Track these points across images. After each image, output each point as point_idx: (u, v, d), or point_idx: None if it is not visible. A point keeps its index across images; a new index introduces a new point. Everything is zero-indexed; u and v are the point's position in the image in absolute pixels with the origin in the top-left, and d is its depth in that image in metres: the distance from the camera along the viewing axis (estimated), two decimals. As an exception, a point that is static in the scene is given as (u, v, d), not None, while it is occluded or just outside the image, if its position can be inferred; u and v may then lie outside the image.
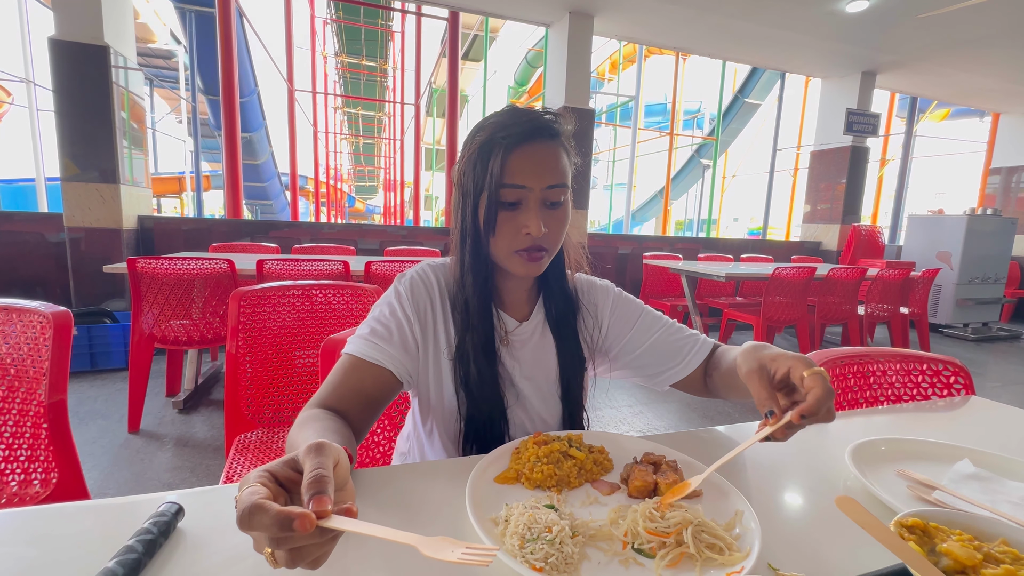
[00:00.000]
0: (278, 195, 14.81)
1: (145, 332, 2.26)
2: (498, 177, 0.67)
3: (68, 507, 0.50)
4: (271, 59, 8.35)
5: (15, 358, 0.96)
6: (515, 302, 0.81)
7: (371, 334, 0.71)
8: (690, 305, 3.81)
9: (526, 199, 0.69)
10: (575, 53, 4.27)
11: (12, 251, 3.43)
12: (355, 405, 0.65)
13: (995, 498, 0.59)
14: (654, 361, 0.82)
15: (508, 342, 0.78)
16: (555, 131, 0.71)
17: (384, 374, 0.69)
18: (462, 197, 0.72)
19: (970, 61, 4.92)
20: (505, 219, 0.69)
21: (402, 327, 0.73)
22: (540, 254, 0.71)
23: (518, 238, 0.70)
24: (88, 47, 3.21)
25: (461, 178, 0.72)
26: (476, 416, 0.73)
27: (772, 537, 0.50)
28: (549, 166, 0.68)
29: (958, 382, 1.03)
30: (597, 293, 0.86)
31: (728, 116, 11.32)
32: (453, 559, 0.34)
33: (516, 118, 0.69)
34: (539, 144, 0.68)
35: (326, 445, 0.38)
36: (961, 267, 5.16)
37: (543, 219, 0.69)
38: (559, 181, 0.69)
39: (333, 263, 2.31)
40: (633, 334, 0.83)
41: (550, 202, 0.70)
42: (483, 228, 0.70)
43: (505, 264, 0.72)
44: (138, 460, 2.02)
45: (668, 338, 0.82)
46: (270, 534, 0.32)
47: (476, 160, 0.69)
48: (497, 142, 0.68)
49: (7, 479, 0.96)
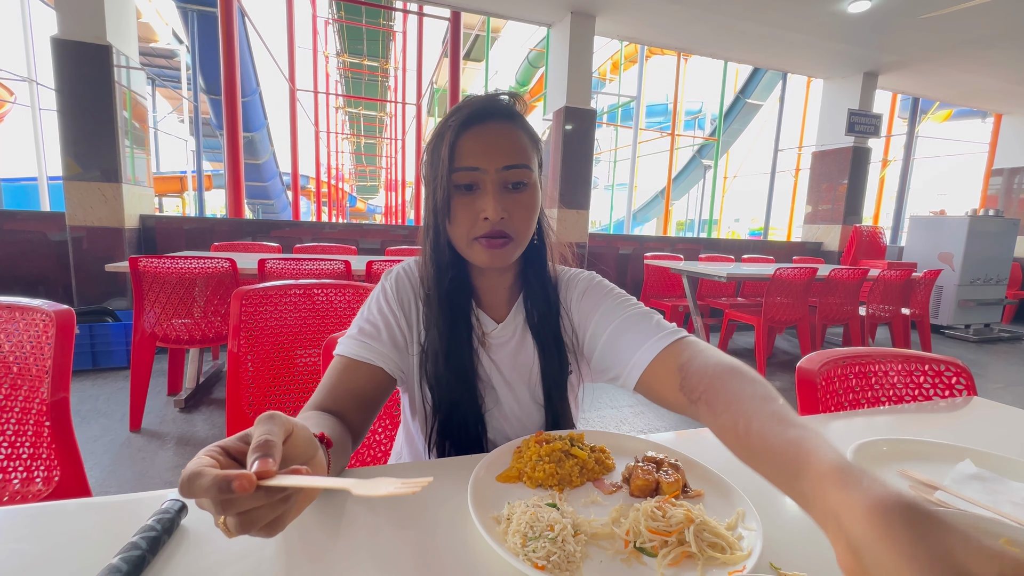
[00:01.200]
0: (279, 195, 14.83)
1: (147, 331, 2.27)
2: (449, 161, 0.65)
3: (72, 504, 0.50)
4: (273, 59, 8.36)
5: (18, 356, 0.96)
6: (494, 303, 0.78)
7: (360, 333, 0.70)
8: (691, 306, 3.81)
9: (482, 182, 0.65)
10: (577, 53, 4.27)
11: (14, 250, 3.44)
12: (350, 406, 0.64)
13: (997, 499, 0.59)
14: (617, 350, 0.68)
15: (486, 343, 0.75)
16: (509, 111, 0.68)
17: (376, 372, 0.68)
18: (425, 186, 0.70)
19: (972, 62, 4.91)
20: (461, 204, 0.66)
21: (390, 324, 0.71)
22: (502, 241, 0.67)
23: (477, 224, 0.66)
24: (91, 46, 3.22)
25: (423, 169, 0.71)
26: (449, 417, 0.71)
27: (774, 536, 0.50)
28: (503, 146, 0.65)
29: (960, 383, 1.03)
30: (572, 284, 0.78)
31: (729, 116, 11.31)
32: (383, 493, 0.33)
33: (469, 101, 0.67)
34: (492, 125, 0.66)
35: (277, 415, 0.38)
36: (963, 268, 5.15)
37: (503, 203, 0.65)
38: (516, 161, 0.66)
39: (334, 262, 2.32)
40: (595, 326, 0.72)
41: (511, 183, 0.66)
42: (438, 215, 0.68)
43: (467, 254, 0.70)
44: (139, 459, 2.02)
45: (628, 327, 0.68)
46: (211, 498, 0.32)
47: (433, 149, 0.68)
48: (449, 126, 0.66)
49: (9, 477, 0.96)
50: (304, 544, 0.45)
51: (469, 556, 0.45)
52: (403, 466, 0.64)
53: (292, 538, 0.46)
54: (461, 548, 0.46)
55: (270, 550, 0.44)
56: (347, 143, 21.18)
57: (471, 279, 0.76)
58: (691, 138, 13.40)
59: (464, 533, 0.48)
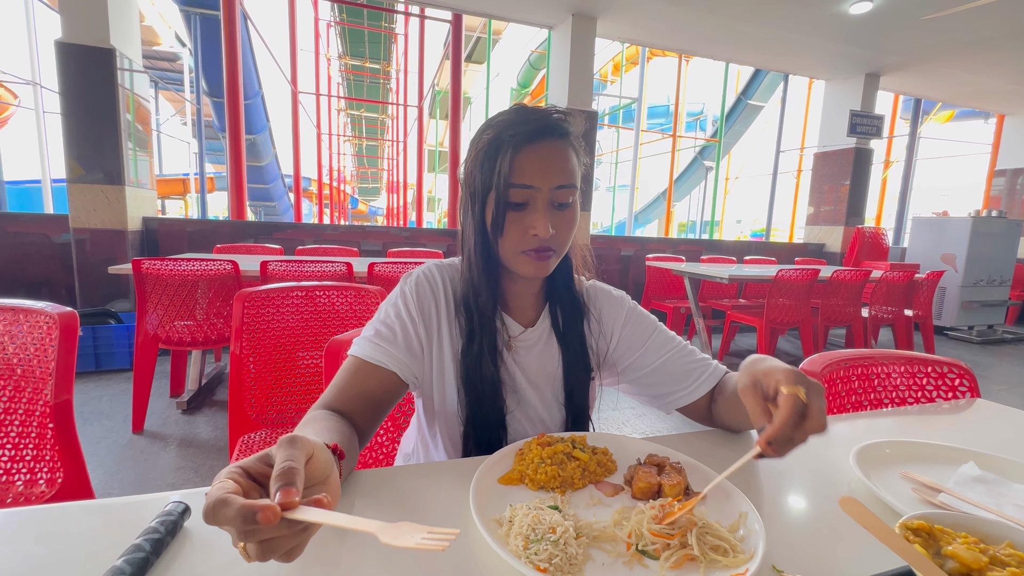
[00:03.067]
0: (281, 197, 14.86)
1: (149, 333, 2.27)
2: (506, 176, 0.66)
3: (75, 506, 0.50)
4: (275, 61, 8.40)
5: (22, 358, 0.97)
6: (521, 307, 0.79)
7: (376, 336, 0.70)
8: (693, 307, 3.81)
9: (534, 199, 0.67)
10: (578, 55, 4.28)
11: (18, 252, 3.45)
12: (359, 407, 0.65)
13: (1000, 501, 0.58)
14: (662, 382, 0.80)
15: (512, 347, 0.76)
16: (564, 130, 0.69)
17: (389, 376, 0.68)
18: (470, 197, 0.71)
19: (975, 62, 4.90)
20: (512, 219, 0.68)
21: (407, 328, 0.72)
22: (548, 254, 0.69)
23: (525, 239, 0.68)
24: (94, 50, 3.24)
25: (468, 178, 0.71)
26: (478, 420, 0.72)
27: (776, 539, 0.50)
28: (557, 166, 0.67)
29: (963, 385, 1.02)
30: (610, 303, 0.83)
31: (731, 118, 11.31)
32: (411, 544, 0.33)
33: (524, 116, 0.68)
34: (547, 143, 0.67)
35: (299, 438, 0.38)
36: (966, 269, 5.14)
37: (551, 220, 0.67)
38: (567, 181, 0.68)
39: (336, 264, 2.32)
40: (644, 352, 0.81)
41: (558, 203, 0.69)
42: (491, 229, 0.69)
43: (512, 265, 0.71)
44: (142, 460, 2.02)
45: (679, 360, 0.80)
46: (236, 527, 0.32)
47: (483, 159, 0.68)
48: (505, 141, 0.66)
49: (13, 478, 0.97)
50: (308, 547, 0.45)
51: (471, 558, 0.45)
52: (413, 467, 0.64)
53: (294, 540, 0.46)
54: (463, 551, 0.46)
55: (273, 552, 0.44)
56: (349, 145, 21.24)
57: (500, 284, 0.77)
58: (692, 139, 13.40)
59: (466, 535, 0.48)
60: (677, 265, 4.05)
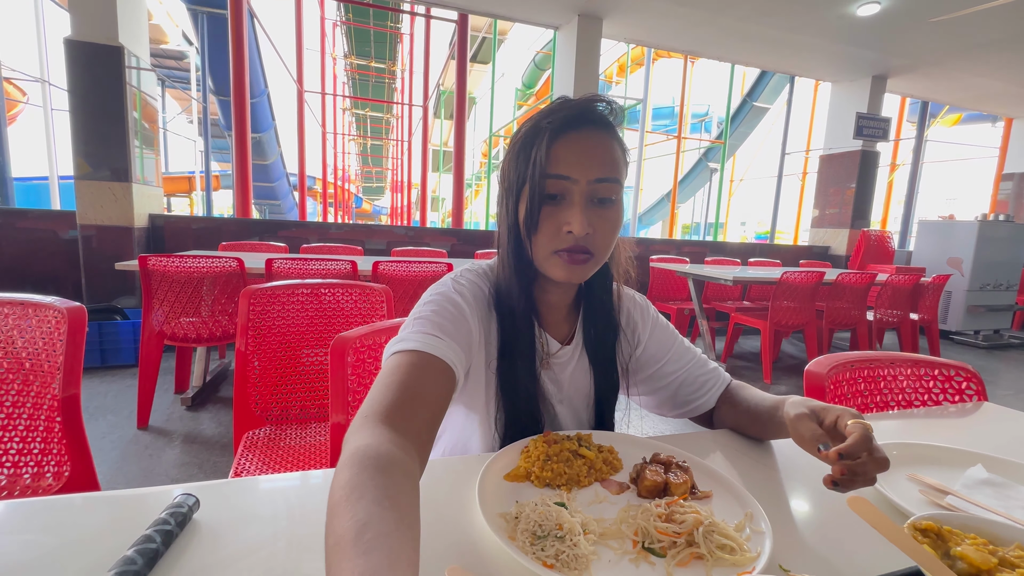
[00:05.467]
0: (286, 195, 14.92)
1: (155, 329, 2.29)
2: (542, 166, 0.60)
3: (80, 498, 0.51)
4: (281, 60, 8.43)
5: (30, 352, 0.97)
6: (555, 322, 0.75)
7: (431, 326, 0.60)
8: (697, 309, 3.80)
9: (570, 192, 0.61)
10: (583, 56, 4.28)
11: (26, 248, 3.48)
12: (418, 419, 0.50)
13: (1009, 504, 0.58)
14: (678, 393, 0.80)
15: (548, 365, 0.72)
16: (606, 120, 0.63)
17: (446, 371, 0.57)
18: (505, 193, 0.66)
19: (983, 65, 4.87)
20: (547, 214, 0.62)
21: (465, 323, 0.63)
22: (583, 256, 0.63)
23: (559, 236, 0.62)
24: (103, 47, 3.26)
25: (504, 172, 0.66)
26: (512, 432, 0.68)
27: (783, 538, 0.50)
28: (598, 157, 0.61)
29: (970, 388, 1.02)
30: (637, 312, 0.81)
31: (736, 119, 11.27)
32: None
33: (565, 104, 0.63)
34: (588, 132, 0.62)
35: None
36: (972, 273, 5.11)
37: (589, 217, 0.61)
38: (609, 174, 0.62)
39: (341, 263, 2.33)
40: (665, 363, 0.80)
41: (598, 198, 0.62)
42: (523, 225, 0.63)
43: (544, 267, 0.65)
44: (147, 456, 2.04)
45: (696, 371, 0.80)
46: None
47: (519, 150, 0.63)
48: (542, 128, 0.61)
49: (21, 471, 0.97)
50: (314, 539, 0.45)
51: (478, 554, 0.45)
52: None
53: (302, 533, 0.46)
54: (470, 546, 0.46)
55: (281, 544, 0.45)
56: (353, 144, 21.30)
57: (534, 293, 0.72)
58: (697, 141, 13.37)
59: (473, 531, 0.48)
60: (681, 267, 4.04)
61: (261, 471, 1.11)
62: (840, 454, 0.49)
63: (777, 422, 0.64)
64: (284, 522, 0.48)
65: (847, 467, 0.49)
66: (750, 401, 0.74)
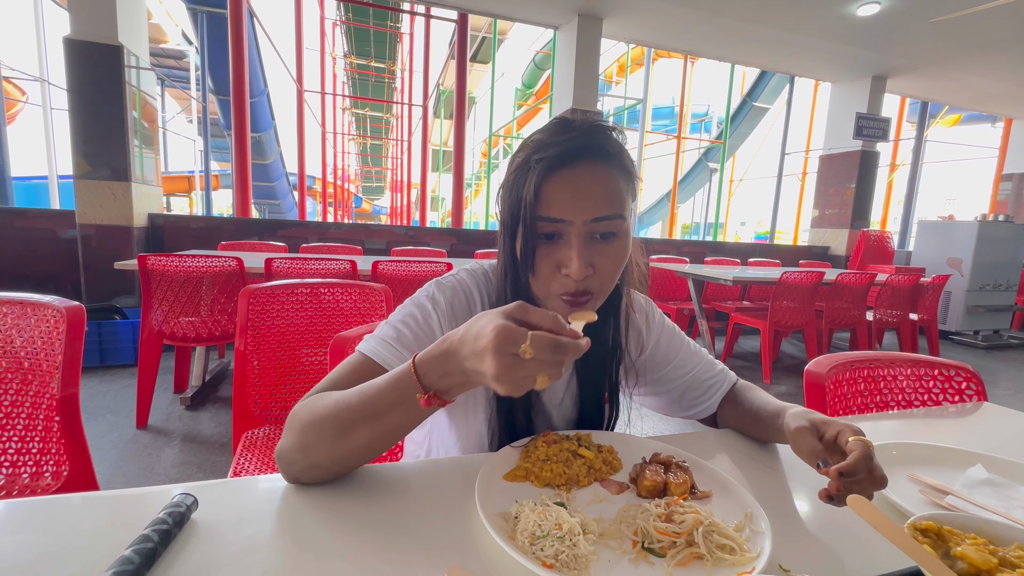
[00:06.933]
0: (286, 195, 14.92)
1: (154, 329, 2.28)
2: (531, 207, 0.57)
3: (79, 497, 0.50)
4: (281, 60, 8.42)
5: (29, 352, 0.97)
6: None
7: (394, 337, 0.62)
8: (696, 309, 3.80)
9: (566, 233, 0.58)
10: (583, 56, 4.28)
11: (25, 247, 3.47)
12: None
13: (1009, 504, 0.58)
14: (684, 396, 0.81)
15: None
16: (604, 150, 0.58)
17: None
18: (502, 226, 0.64)
19: (982, 66, 4.87)
20: (542, 254, 0.59)
21: (433, 335, 0.64)
22: (586, 298, 0.60)
23: (557, 277, 0.59)
24: (102, 47, 3.26)
25: (500, 204, 0.64)
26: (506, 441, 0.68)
27: (783, 538, 0.50)
28: (596, 195, 0.57)
29: (970, 388, 1.02)
30: (641, 316, 0.79)
31: (736, 120, 11.28)
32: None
33: (557, 135, 0.58)
34: (583, 167, 0.57)
35: None
36: (972, 273, 5.11)
37: (589, 256, 0.57)
38: (607, 212, 0.57)
39: (340, 262, 2.33)
40: (672, 367, 0.80)
41: (599, 234, 0.58)
42: (520, 264, 0.60)
43: (545, 306, 0.62)
44: (146, 455, 2.03)
45: (702, 374, 0.80)
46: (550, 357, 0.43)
47: (512, 185, 0.60)
48: (531, 166, 0.57)
49: (19, 471, 0.97)
50: (312, 539, 0.45)
51: (477, 554, 0.45)
52: (419, 463, 0.64)
53: (300, 533, 0.46)
54: (469, 546, 0.46)
55: (279, 544, 0.44)
56: (353, 144, 21.29)
57: None
58: (697, 141, 13.37)
59: (472, 531, 0.48)
60: (681, 267, 4.04)
61: (260, 471, 1.10)
62: (840, 472, 0.49)
63: (777, 429, 0.65)
64: (283, 522, 0.48)
65: (845, 484, 0.49)
66: (753, 403, 0.74)
